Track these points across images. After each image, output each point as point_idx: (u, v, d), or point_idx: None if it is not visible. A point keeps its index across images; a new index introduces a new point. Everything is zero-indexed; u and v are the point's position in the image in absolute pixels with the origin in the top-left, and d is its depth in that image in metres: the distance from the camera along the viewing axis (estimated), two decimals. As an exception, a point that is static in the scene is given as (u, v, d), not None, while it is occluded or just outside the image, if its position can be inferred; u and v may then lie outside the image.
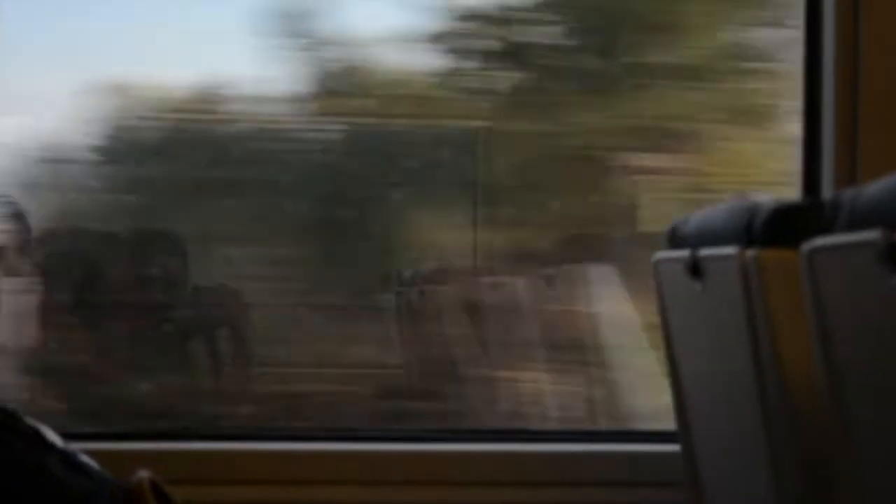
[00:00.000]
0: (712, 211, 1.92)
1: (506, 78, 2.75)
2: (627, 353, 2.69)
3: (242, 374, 2.70)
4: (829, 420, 1.49)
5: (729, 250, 1.72)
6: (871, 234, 1.28)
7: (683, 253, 1.92)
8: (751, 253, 1.67)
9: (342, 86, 2.75)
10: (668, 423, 2.12)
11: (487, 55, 2.75)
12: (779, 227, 1.66)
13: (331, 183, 2.71)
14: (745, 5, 2.76)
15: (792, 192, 2.47)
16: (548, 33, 2.74)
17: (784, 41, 2.57)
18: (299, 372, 2.68)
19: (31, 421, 1.71)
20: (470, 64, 2.78)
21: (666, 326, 2.12)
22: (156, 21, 2.57)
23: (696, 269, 1.87)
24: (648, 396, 2.57)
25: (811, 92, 2.45)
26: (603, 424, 2.70)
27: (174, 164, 2.66)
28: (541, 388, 2.69)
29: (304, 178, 2.70)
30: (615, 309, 2.69)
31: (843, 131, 2.38)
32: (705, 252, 1.85)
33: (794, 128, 2.48)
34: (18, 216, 2.58)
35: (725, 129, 2.73)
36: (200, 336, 2.68)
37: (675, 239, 2.06)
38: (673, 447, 2.16)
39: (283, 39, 2.63)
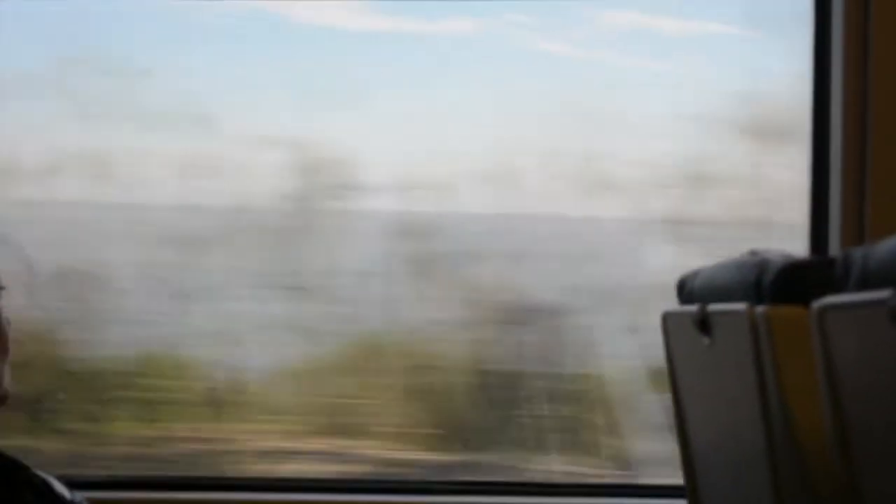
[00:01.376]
0: (721, 266, 1.91)
1: None
2: None
3: None
4: (839, 479, 1.48)
5: (738, 306, 1.71)
6: (882, 294, 1.27)
7: (692, 308, 1.91)
8: (760, 309, 1.66)
9: None
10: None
11: None
12: (789, 285, 1.65)
13: None
14: None
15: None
16: None
17: None
18: None
19: (41, 472, 1.72)
20: None
21: (674, 381, 2.10)
22: None
23: (704, 324, 1.86)
24: None
25: (819, 147, 2.46)
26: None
27: None
28: None
29: None
30: None
31: (851, 187, 2.38)
32: (714, 307, 1.84)
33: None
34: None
35: None
36: None
37: (684, 293, 2.06)
38: (680, 502, 2.15)
39: None
